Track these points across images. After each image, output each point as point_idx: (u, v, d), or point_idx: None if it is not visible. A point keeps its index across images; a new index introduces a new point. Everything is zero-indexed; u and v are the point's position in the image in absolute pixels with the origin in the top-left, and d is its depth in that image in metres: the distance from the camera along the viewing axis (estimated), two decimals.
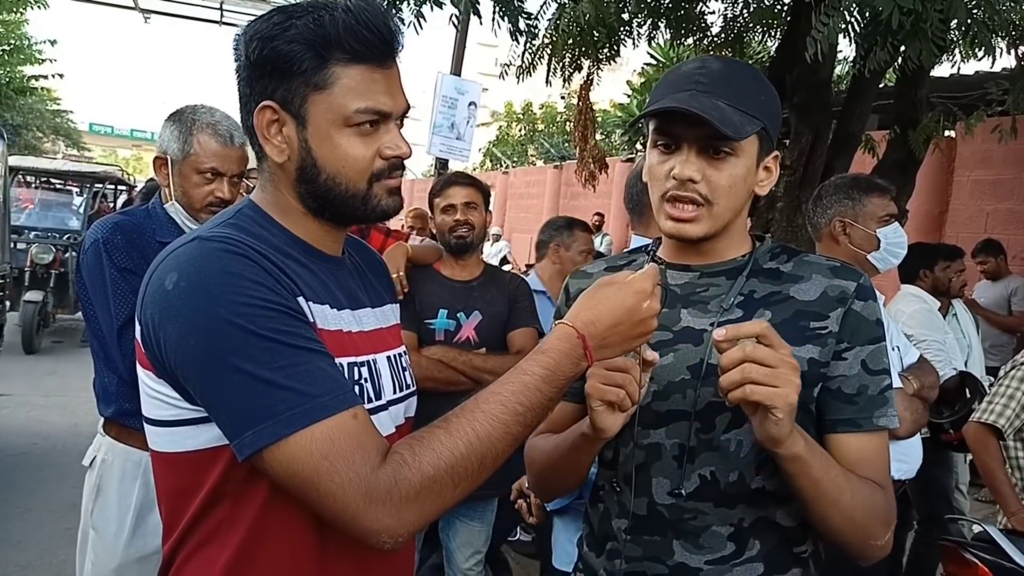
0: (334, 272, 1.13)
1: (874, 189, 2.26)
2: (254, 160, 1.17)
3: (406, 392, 1.20)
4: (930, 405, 2.31)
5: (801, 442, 1.04)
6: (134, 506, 1.95)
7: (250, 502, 1.00)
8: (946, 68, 5.26)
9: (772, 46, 5.60)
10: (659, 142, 1.18)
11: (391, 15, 1.07)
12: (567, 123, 20.38)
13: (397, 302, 1.32)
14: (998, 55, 3.47)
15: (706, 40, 5.15)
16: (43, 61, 17.61)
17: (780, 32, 5.00)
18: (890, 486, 1.17)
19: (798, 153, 4.14)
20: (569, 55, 4.93)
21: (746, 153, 1.15)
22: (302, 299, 1.01)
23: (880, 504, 1.13)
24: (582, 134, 5.51)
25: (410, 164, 1.44)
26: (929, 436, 3.15)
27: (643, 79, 17.11)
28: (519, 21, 4.48)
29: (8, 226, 7.00)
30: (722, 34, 5.17)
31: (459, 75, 7.11)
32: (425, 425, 0.98)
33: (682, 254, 1.25)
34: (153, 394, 1.02)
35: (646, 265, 1.14)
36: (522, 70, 5.02)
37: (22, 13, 15.60)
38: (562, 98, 21.17)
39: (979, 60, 4.59)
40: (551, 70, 5.03)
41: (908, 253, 2.32)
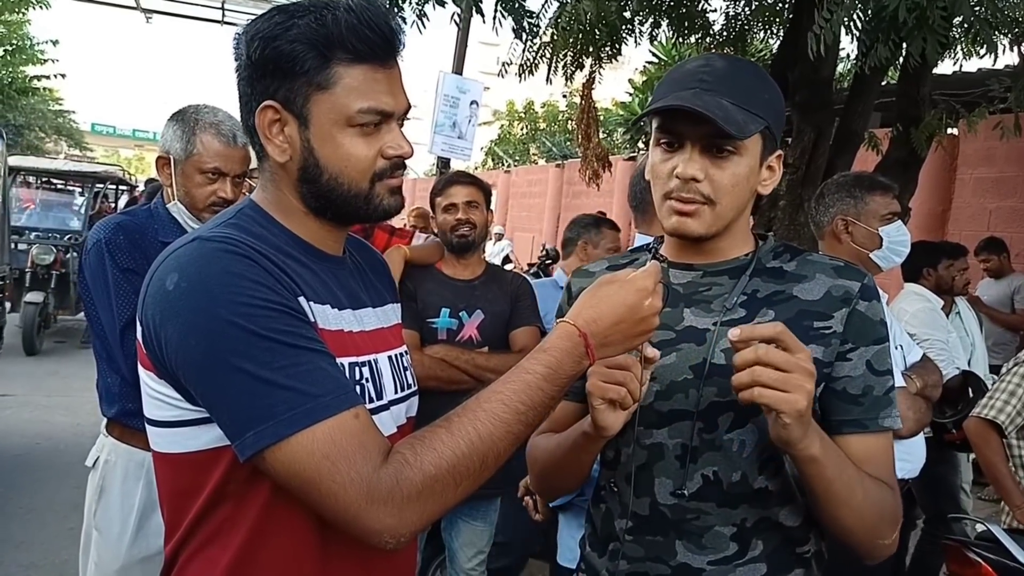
0: (335, 272, 1.13)
1: (876, 187, 2.26)
2: (256, 160, 1.17)
3: (407, 392, 1.19)
4: (933, 404, 2.30)
5: (817, 443, 1.03)
6: (137, 507, 1.95)
7: (252, 503, 1.00)
8: (948, 65, 5.26)
9: (774, 44, 5.58)
10: (662, 140, 1.17)
11: (393, 14, 1.08)
12: (569, 122, 20.37)
13: (398, 301, 1.32)
14: (1000, 52, 3.46)
15: (708, 38, 5.14)
16: (45, 61, 17.60)
17: (782, 30, 4.99)
18: (896, 485, 1.16)
19: (800, 151, 4.14)
20: (571, 53, 4.93)
21: (749, 152, 1.15)
22: (303, 299, 1.01)
23: (888, 503, 1.13)
24: (585, 132, 5.51)
25: (412, 163, 1.44)
26: (932, 435, 3.14)
27: (645, 77, 17.07)
28: (521, 19, 4.48)
29: (8, 227, 7.00)
30: (724, 32, 5.16)
31: (461, 74, 7.10)
32: (427, 425, 0.98)
33: (685, 253, 1.24)
34: (155, 395, 1.02)
35: (648, 263, 1.13)
36: (524, 69, 5.02)
37: (24, 13, 15.61)
38: (564, 97, 21.15)
39: (981, 57, 4.57)
40: (552, 69, 5.02)
41: (911, 251, 2.31)
